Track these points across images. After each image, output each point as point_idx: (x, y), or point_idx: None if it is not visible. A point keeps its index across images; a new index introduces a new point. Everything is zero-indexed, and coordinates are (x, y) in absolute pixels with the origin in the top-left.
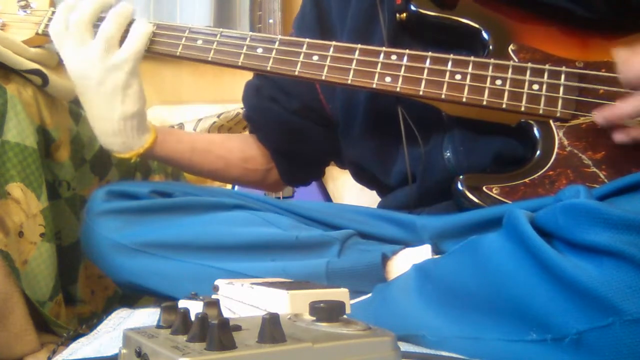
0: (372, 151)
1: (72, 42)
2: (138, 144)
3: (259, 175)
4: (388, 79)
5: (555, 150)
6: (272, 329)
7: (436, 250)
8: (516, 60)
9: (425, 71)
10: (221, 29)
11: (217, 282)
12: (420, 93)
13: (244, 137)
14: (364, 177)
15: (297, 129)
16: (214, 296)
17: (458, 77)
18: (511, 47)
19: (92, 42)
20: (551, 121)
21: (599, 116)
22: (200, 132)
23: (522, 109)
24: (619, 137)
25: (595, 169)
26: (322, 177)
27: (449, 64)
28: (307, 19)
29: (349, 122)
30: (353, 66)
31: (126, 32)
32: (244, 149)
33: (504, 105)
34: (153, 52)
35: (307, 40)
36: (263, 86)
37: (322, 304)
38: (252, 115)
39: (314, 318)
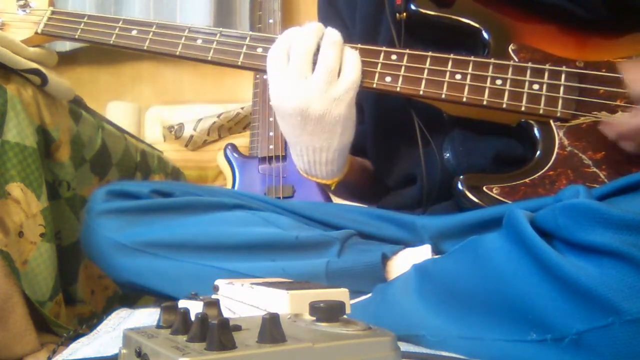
0: (377, 152)
1: (294, 76)
2: (341, 171)
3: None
4: (388, 79)
5: (556, 150)
6: (272, 329)
7: (436, 250)
8: (516, 60)
9: (426, 71)
10: (221, 29)
11: (217, 282)
12: (421, 93)
13: None
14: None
15: None
16: (214, 296)
17: (458, 77)
18: (511, 47)
19: (315, 74)
20: (551, 121)
21: (611, 132)
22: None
23: (523, 108)
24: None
25: (595, 169)
26: None
27: (449, 63)
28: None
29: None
30: None
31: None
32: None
33: (504, 105)
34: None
35: None
36: None
37: (322, 304)
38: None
39: (314, 318)
